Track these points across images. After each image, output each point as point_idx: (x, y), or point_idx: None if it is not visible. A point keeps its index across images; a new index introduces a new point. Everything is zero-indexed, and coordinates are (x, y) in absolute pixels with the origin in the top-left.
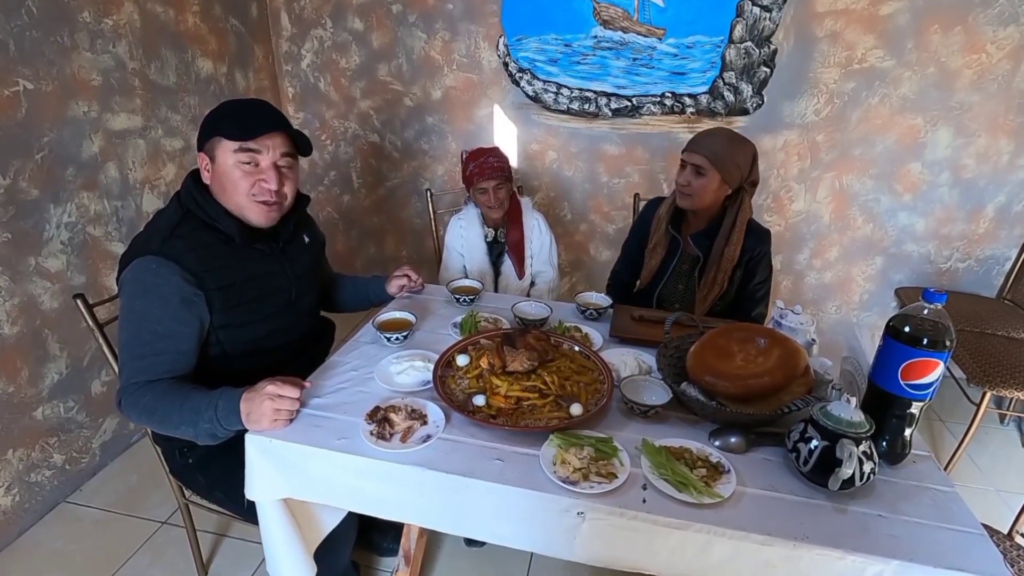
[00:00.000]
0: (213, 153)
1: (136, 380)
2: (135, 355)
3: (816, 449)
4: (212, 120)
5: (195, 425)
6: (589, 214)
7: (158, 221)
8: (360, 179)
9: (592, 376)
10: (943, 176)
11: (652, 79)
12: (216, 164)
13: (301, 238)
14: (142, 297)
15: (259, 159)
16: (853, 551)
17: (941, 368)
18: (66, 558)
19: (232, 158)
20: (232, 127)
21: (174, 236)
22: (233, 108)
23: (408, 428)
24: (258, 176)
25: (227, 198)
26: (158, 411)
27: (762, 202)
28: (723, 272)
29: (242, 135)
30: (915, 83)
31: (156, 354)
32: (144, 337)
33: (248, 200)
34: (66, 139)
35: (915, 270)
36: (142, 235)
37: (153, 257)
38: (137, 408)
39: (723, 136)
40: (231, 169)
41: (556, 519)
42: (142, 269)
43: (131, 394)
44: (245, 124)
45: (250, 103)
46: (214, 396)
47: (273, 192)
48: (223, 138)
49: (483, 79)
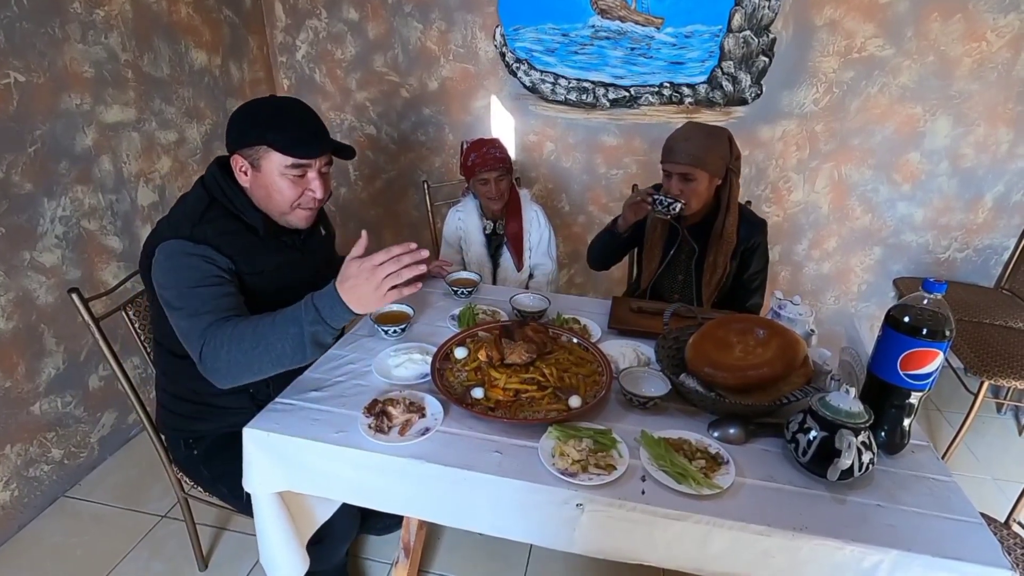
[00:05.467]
0: (257, 161)
1: (207, 326)
2: (196, 312)
3: (815, 440)
4: (256, 125)
5: (298, 336)
6: (587, 206)
7: (184, 206)
8: (357, 172)
9: (591, 368)
10: (942, 166)
11: (650, 69)
12: (260, 172)
13: (319, 230)
14: (184, 270)
15: (307, 170)
16: (852, 541)
17: (940, 358)
18: (66, 552)
19: (281, 169)
20: (288, 142)
21: (203, 221)
22: (282, 117)
23: (406, 421)
24: (305, 186)
25: (270, 204)
26: (247, 336)
27: (760, 192)
28: (723, 254)
29: (299, 153)
30: (914, 72)
31: (216, 298)
32: (201, 294)
33: (292, 208)
34: (59, 132)
35: (914, 260)
36: (168, 220)
37: (185, 241)
38: (223, 347)
39: (696, 134)
40: (278, 179)
41: (555, 511)
42: (175, 251)
43: (210, 340)
44: (302, 141)
45: (299, 112)
46: (306, 300)
47: (318, 200)
48: (274, 151)
49: (480, 70)
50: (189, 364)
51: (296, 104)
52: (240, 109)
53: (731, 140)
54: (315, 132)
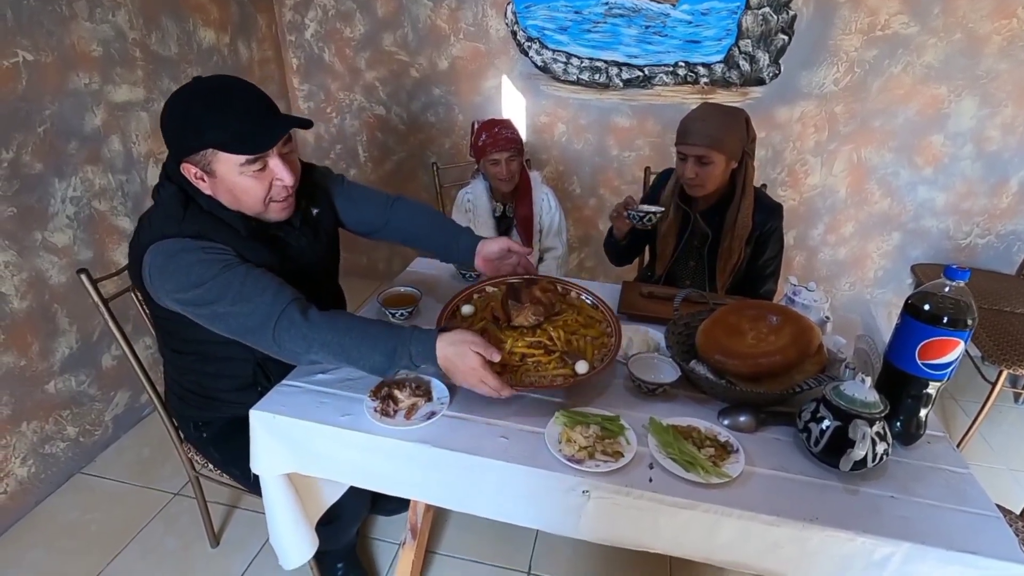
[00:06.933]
0: (208, 166)
1: (275, 304)
2: (244, 297)
3: (828, 429)
4: (192, 127)
5: (386, 367)
6: (599, 188)
7: (162, 207)
8: (366, 153)
9: (600, 329)
10: (966, 148)
11: (665, 48)
12: (216, 177)
13: (309, 211)
14: (196, 265)
15: (267, 160)
16: (863, 532)
17: (961, 348)
18: (81, 527)
19: (237, 169)
20: (234, 139)
21: (188, 217)
22: (220, 110)
23: (412, 405)
24: (271, 178)
25: (239, 205)
26: (330, 343)
27: (776, 176)
28: (738, 240)
29: (250, 148)
30: (940, 50)
31: (259, 276)
32: (237, 275)
33: (265, 204)
34: (67, 112)
35: (933, 246)
36: (150, 220)
37: (180, 238)
38: (320, 330)
39: (713, 115)
40: (238, 180)
41: (561, 497)
42: (174, 250)
43: (289, 320)
44: (250, 133)
45: (237, 98)
46: (404, 338)
47: (289, 187)
48: (222, 152)
49: (491, 49)
50: (194, 360)
51: (231, 87)
52: (169, 110)
53: (748, 121)
54: (262, 116)
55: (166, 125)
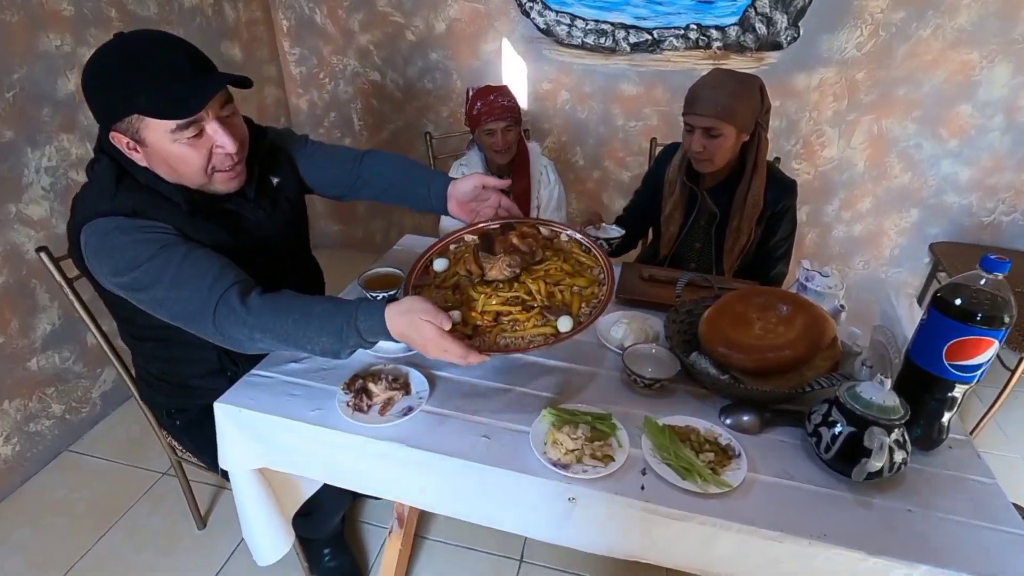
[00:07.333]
0: (138, 134)
1: (215, 298)
2: (182, 281)
3: (840, 435)
4: (115, 90)
5: (338, 349)
6: (603, 160)
7: (95, 181)
8: (361, 121)
9: (590, 277)
10: (996, 119)
11: (675, 9)
12: (148, 146)
13: (267, 180)
14: (130, 246)
15: (203, 125)
16: (875, 553)
17: (995, 348)
18: (68, 506)
19: (169, 137)
20: (160, 102)
21: (120, 192)
22: (143, 69)
23: (388, 399)
24: (209, 144)
25: (179, 177)
26: (273, 329)
27: (790, 148)
28: (748, 220)
29: (180, 112)
30: (974, 11)
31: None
32: (171, 257)
33: (207, 176)
34: (38, 75)
35: (953, 223)
36: (83, 198)
37: (113, 216)
38: (264, 314)
39: (725, 82)
40: (173, 148)
41: (545, 504)
42: (107, 229)
43: (227, 306)
44: (178, 95)
45: (162, 54)
46: (349, 313)
47: (233, 155)
48: (149, 118)
49: (490, 9)
50: (154, 347)
51: (156, 42)
52: (88, 72)
53: (763, 90)
54: (190, 75)
55: (87, 90)
